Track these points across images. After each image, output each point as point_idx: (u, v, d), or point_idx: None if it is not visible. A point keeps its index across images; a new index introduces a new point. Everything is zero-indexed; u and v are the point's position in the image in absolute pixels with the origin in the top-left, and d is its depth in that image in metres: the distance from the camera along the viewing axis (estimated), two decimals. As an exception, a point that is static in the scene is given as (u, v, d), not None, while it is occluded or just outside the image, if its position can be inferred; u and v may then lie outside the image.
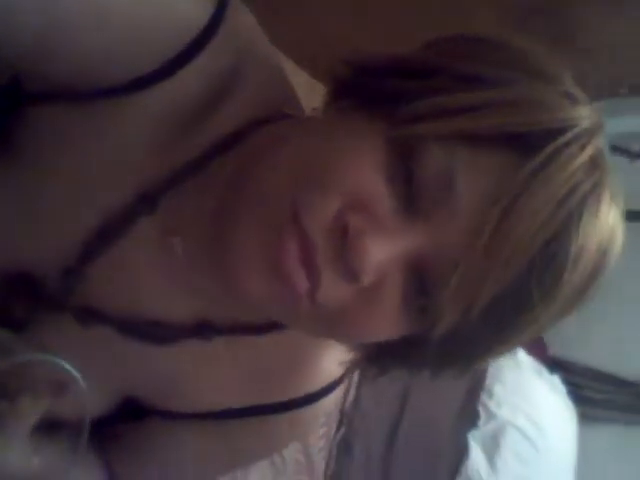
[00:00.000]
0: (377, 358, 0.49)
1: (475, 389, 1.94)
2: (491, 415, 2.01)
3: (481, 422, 2.01)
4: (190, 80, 0.46)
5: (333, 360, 0.56)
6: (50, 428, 0.45)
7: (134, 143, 0.48)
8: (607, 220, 0.41)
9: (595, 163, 0.40)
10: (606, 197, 0.41)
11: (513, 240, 0.38)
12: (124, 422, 0.59)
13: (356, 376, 1.40)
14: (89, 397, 0.44)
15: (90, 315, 0.50)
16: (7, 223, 0.50)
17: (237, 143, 0.48)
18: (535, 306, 0.40)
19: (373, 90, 0.43)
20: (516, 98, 0.39)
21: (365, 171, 0.40)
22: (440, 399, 1.85)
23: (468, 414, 1.99)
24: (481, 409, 2.01)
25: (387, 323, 0.42)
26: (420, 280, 0.41)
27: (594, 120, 0.41)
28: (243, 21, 0.49)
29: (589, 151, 0.40)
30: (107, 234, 0.48)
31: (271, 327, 0.53)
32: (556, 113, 0.39)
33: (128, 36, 0.44)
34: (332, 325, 0.44)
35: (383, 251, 0.39)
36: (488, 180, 0.39)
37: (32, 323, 0.50)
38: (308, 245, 0.40)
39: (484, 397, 1.92)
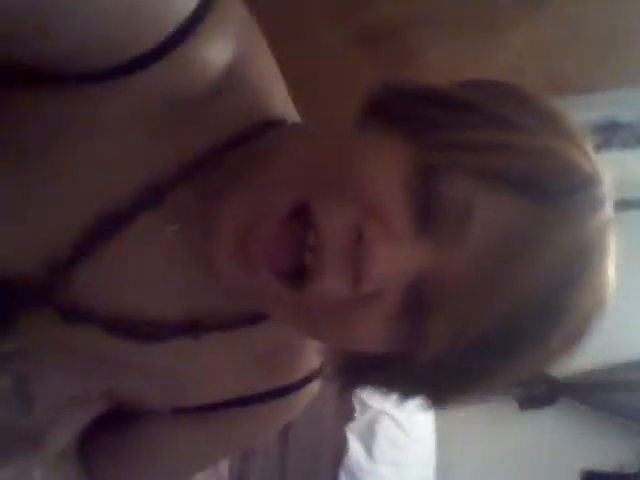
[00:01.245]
0: (352, 368, 0.49)
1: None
2: (365, 406, 2.12)
3: (357, 414, 2.11)
4: (181, 67, 0.45)
5: (315, 349, 0.59)
6: None
7: (131, 131, 0.46)
8: (603, 286, 0.42)
9: (606, 228, 0.42)
10: (609, 263, 0.43)
11: (514, 284, 0.39)
12: (110, 427, 0.58)
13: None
14: None
15: (77, 313, 0.48)
16: None
17: (246, 141, 0.49)
18: (519, 352, 0.41)
19: (408, 113, 0.44)
20: (544, 148, 0.41)
21: (386, 183, 0.41)
22: (321, 398, 1.90)
23: (345, 409, 2.08)
24: (355, 401, 2.10)
25: (373, 334, 0.43)
26: (416, 300, 0.41)
27: (609, 185, 0.43)
28: (235, 13, 0.48)
29: (603, 215, 0.42)
30: (105, 228, 0.46)
31: (260, 317, 0.54)
32: (579, 171, 0.41)
33: (120, 17, 0.42)
34: (317, 323, 0.45)
35: (393, 263, 0.40)
36: (504, 220, 0.40)
37: (18, 320, 0.48)
38: (317, 238, 0.40)
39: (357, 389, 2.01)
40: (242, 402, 0.57)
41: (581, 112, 1.47)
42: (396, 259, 0.40)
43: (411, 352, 0.42)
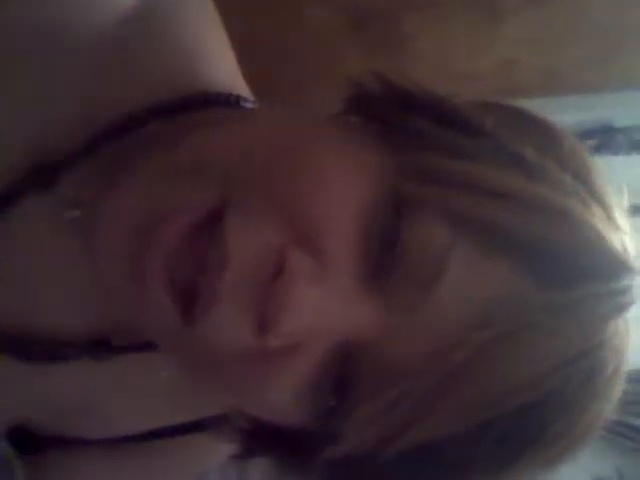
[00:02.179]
0: (253, 434, 0.39)
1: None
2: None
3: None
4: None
5: None
6: None
7: (17, 84, 0.36)
8: (601, 413, 0.33)
9: (626, 337, 0.33)
10: (617, 383, 0.33)
11: (486, 384, 0.29)
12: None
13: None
14: None
15: None
16: None
17: (172, 113, 0.39)
18: (474, 476, 0.32)
19: (399, 120, 0.34)
20: (566, 210, 0.31)
21: (341, 202, 0.30)
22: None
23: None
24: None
25: (278, 401, 0.32)
26: (343, 373, 0.31)
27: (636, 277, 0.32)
28: None
29: (623, 315, 0.32)
30: None
31: None
32: (607, 252, 0.31)
33: None
34: (206, 369, 0.34)
35: (319, 315, 0.30)
36: (488, 292, 0.30)
37: None
38: (219, 258, 0.29)
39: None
40: (154, 435, 0.46)
41: (574, 113, 1.41)
42: (325, 311, 0.30)
43: (323, 441, 0.31)
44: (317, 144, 0.33)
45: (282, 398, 0.32)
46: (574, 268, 0.30)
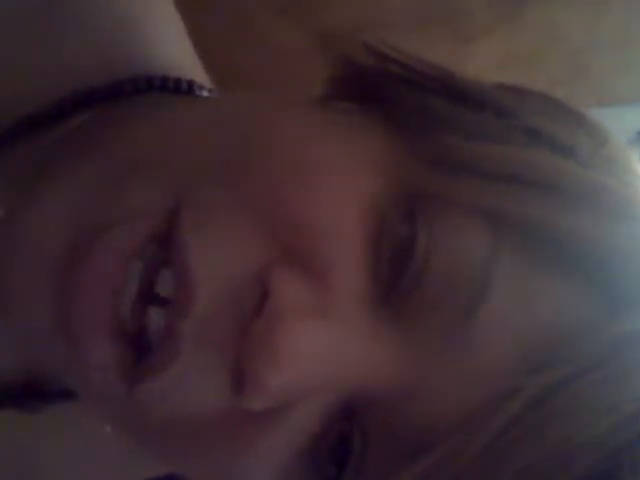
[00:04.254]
0: None
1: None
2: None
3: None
4: None
5: None
6: None
7: None
8: None
9: None
10: None
11: (546, 445, 0.22)
12: None
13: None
14: None
15: None
16: None
17: (114, 97, 0.32)
18: None
19: (406, 98, 0.28)
20: (622, 201, 0.25)
21: (343, 206, 0.23)
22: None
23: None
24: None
25: (261, 476, 0.25)
26: (347, 435, 0.24)
27: None
28: None
29: None
30: None
31: None
32: None
33: None
34: (162, 442, 0.26)
35: (316, 361, 0.22)
36: (544, 320, 0.23)
37: None
38: (178, 288, 0.23)
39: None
40: None
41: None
42: (325, 354, 0.22)
43: None
44: (301, 130, 0.26)
45: (265, 472, 0.24)
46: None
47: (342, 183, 0.24)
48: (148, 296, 0.22)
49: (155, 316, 0.22)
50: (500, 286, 0.23)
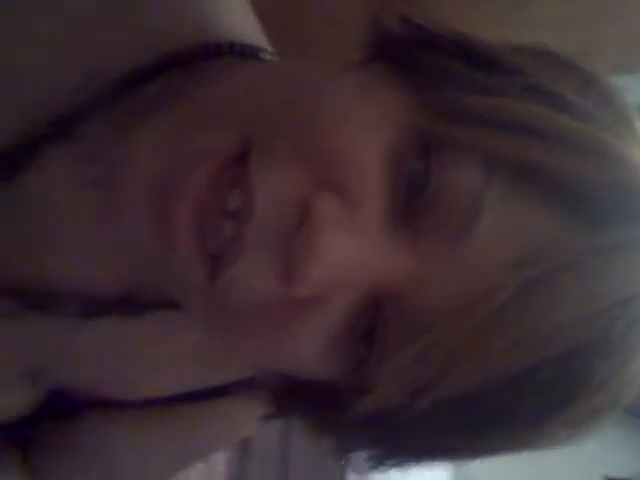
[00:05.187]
0: (286, 392, 0.38)
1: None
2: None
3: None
4: None
5: None
6: None
7: (29, 27, 0.36)
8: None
9: None
10: None
11: (525, 329, 0.28)
12: (52, 422, 0.48)
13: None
14: None
15: None
16: None
17: (187, 63, 0.39)
18: (515, 429, 0.30)
19: (426, 60, 0.33)
20: (604, 145, 0.30)
21: (367, 145, 0.30)
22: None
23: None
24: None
25: (307, 353, 0.31)
26: (375, 322, 0.31)
27: None
28: None
29: None
30: (3, 164, 0.36)
31: None
32: None
33: None
34: (234, 325, 0.33)
35: (346, 261, 0.29)
36: (526, 234, 0.29)
37: None
38: (244, 204, 0.29)
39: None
40: (184, 398, 0.46)
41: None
42: (353, 257, 0.29)
43: (355, 392, 0.30)
44: (339, 87, 0.32)
45: (311, 350, 0.31)
46: (619, 210, 0.29)
47: (369, 130, 0.30)
48: (221, 209, 0.29)
49: (225, 226, 0.30)
50: (490, 209, 0.29)
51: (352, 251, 0.29)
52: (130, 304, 0.40)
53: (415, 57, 0.33)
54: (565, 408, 0.29)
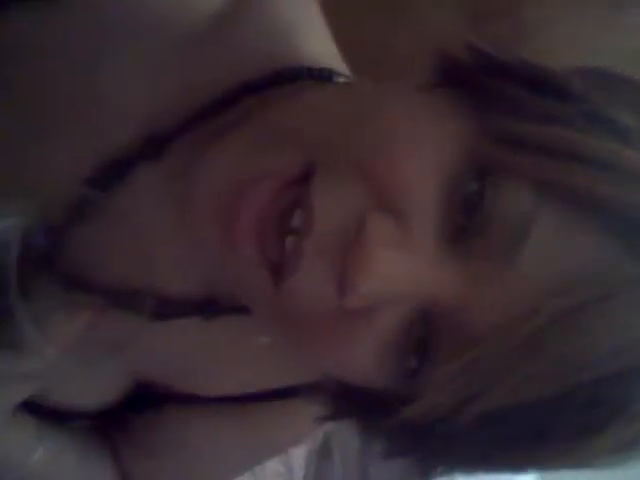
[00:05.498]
0: (341, 396, 0.40)
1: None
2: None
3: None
4: None
5: None
6: None
7: (129, 59, 0.40)
8: None
9: None
10: None
11: (568, 350, 0.29)
12: (138, 413, 0.53)
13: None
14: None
15: (75, 281, 0.42)
16: None
17: (262, 89, 0.41)
18: (551, 446, 0.31)
19: (489, 86, 0.34)
20: None
21: (424, 167, 0.31)
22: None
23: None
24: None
25: (360, 363, 0.33)
26: (424, 336, 0.32)
27: None
28: None
29: None
30: (102, 180, 0.41)
31: None
32: None
33: None
34: (296, 333, 0.36)
35: (395, 278, 0.30)
36: (572, 260, 0.30)
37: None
38: (305, 219, 0.31)
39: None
40: (256, 397, 0.49)
41: None
42: (402, 273, 0.30)
43: (403, 399, 0.32)
44: (400, 111, 0.34)
45: (364, 359, 0.33)
46: None
47: (427, 152, 0.31)
48: (284, 222, 0.32)
49: (288, 238, 0.32)
50: (538, 233, 0.30)
51: (401, 267, 0.30)
52: (209, 308, 0.44)
53: (478, 83, 0.34)
54: (602, 431, 0.30)
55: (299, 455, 1.41)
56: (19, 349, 0.36)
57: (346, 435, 1.46)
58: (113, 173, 0.40)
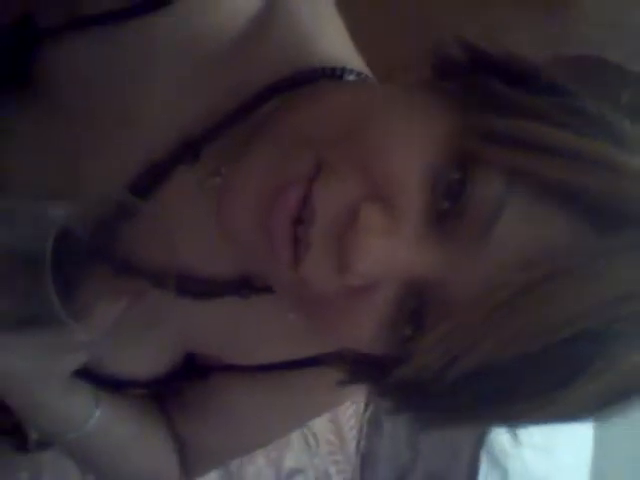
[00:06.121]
0: (354, 363, 0.45)
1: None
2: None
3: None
4: (206, 6, 0.44)
5: None
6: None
7: (164, 76, 0.46)
8: None
9: None
10: None
11: (535, 316, 0.32)
12: (187, 381, 0.59)
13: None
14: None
15: (125, 266, 0.49)
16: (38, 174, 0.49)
17: (288, 90, 0.46)
18: (520, 400, 0.34)
19: (473, 81, 0.37)
20: (624, 164, 0.33)
21: (410, 157, 0.35)
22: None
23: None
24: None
25: (363, 333, 0.38)
26: (416, 307, 0.36)
27: None
28: None
29: None
30: (146, 183, 0.47)
31: None
32: None
33: None
34: (311, 310, 0.41)
35: (385, 260, 0.35)
36: (541, 235, 0.33)
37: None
38: (309, 209, 0.36)
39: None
40: (287, 366, 0.55)
41: None
42: (390, 255, 0.35)
43: (398, 363, 0.36)
44: (394, 111, 0.38)
45: (366, 329, 0.38)
46: (628, 217, 0.32)
47: (414, 146, 0.35)
48: (296, 217, 0.37)
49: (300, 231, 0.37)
50: (508, 215, 0.33)
51: (388, 250, 0.35)
52: (244, 288, 0.50)
53: (465, 79, 0.38)
54: (568, 386, 0.33)
55: (351, 426, 1.46)
56: (58, 324, 0.41)
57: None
58: (154, 176, 0.47)
